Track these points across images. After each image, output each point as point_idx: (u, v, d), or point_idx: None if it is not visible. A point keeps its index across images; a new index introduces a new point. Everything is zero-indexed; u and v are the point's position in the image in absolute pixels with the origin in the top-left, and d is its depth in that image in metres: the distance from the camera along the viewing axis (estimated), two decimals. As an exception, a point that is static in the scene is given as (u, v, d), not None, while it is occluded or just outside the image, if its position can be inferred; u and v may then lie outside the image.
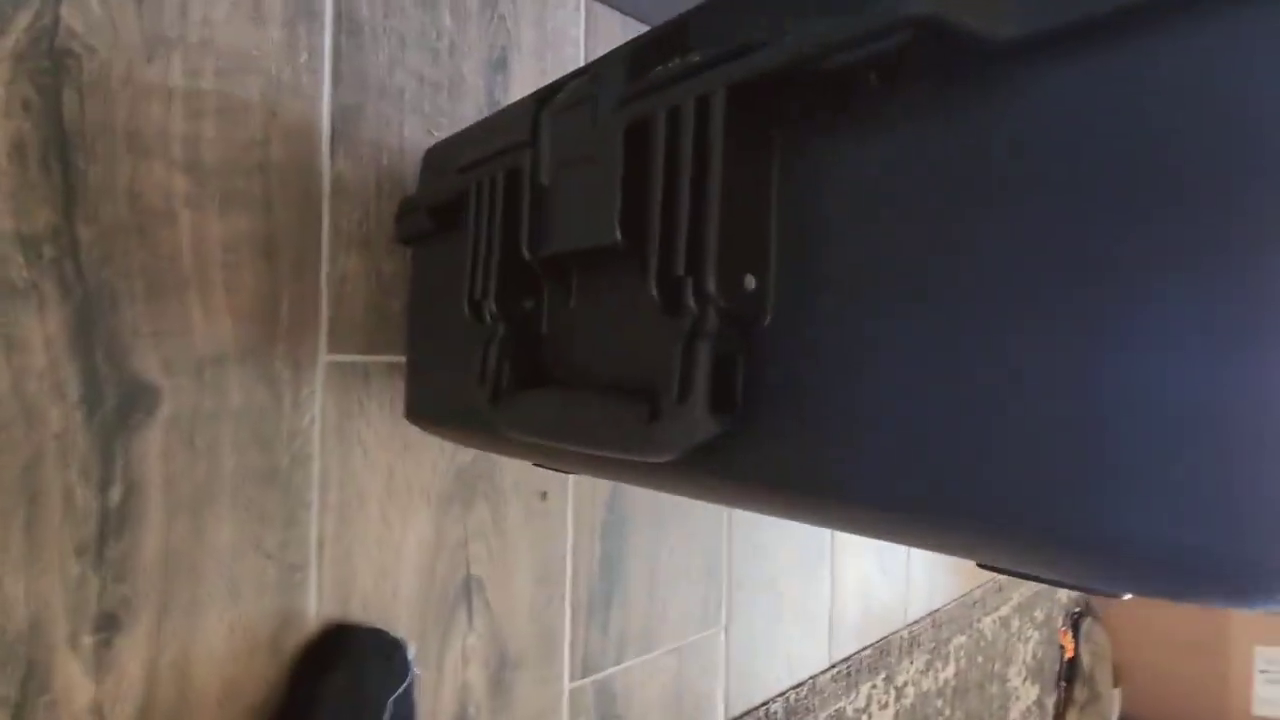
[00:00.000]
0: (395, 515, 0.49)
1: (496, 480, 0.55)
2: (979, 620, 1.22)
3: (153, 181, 0.39)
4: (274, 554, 0.44)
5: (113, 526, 0.38)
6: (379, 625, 0.48)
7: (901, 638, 1.02)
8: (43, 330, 0.36)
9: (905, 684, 1.03)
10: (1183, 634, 1.52)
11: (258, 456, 0.43)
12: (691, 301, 0.23)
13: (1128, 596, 0.21)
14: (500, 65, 0.55)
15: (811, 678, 0.86)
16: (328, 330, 0.46)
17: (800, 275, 0.22)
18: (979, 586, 1.22)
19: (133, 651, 0.38)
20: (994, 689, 1.28)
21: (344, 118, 0.47)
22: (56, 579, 0.36)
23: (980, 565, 0.21)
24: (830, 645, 0.90)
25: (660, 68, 0.24)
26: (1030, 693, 1.42)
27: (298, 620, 0.44)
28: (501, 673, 0.55)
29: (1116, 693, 1.58)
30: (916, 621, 1.06)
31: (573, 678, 0.61)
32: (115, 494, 0.38)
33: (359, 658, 0.45)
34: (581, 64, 0.61)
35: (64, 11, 0.36)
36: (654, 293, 0.24)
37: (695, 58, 0.22)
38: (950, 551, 0.22)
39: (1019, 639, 1.36)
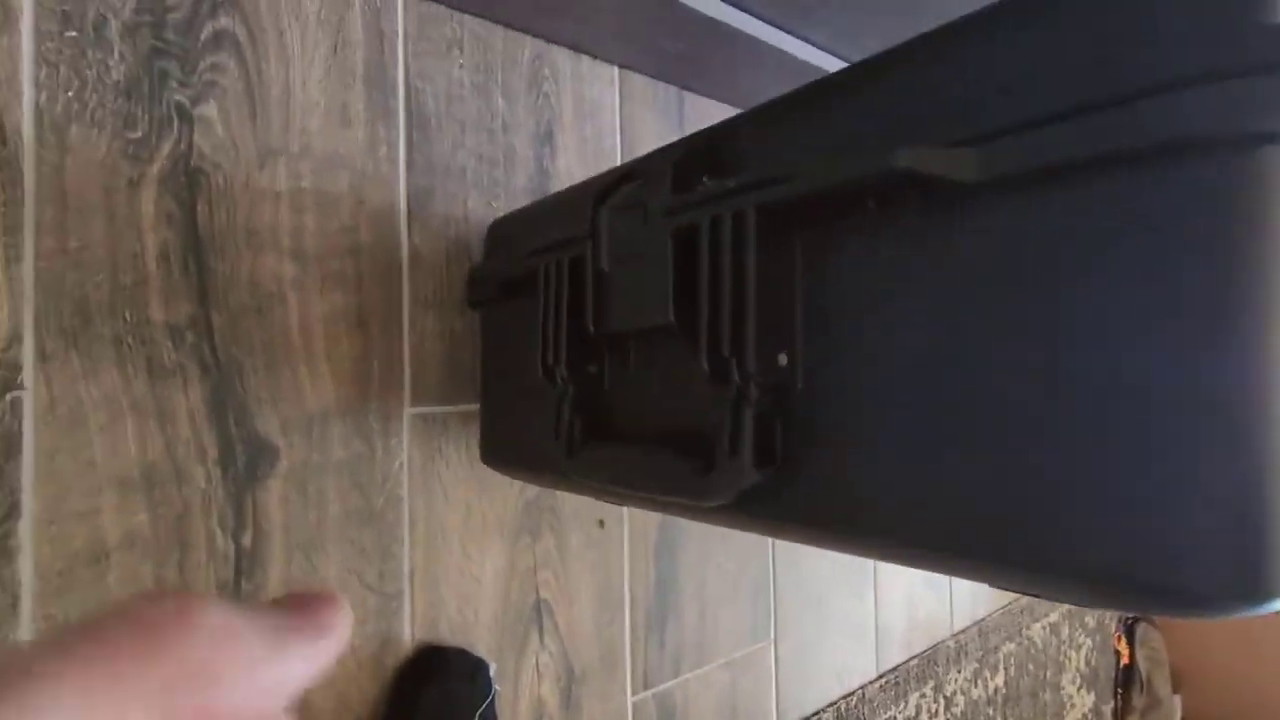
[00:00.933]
0: (474, 548, 0.55)
1: (559, 511, 0.61)
2: (1027, 627, 1.23)
3: (267, 270, 0.46)
4: (374, 585, 0.50)
5: (245, 566, 0.44)
6: (464, 646, 0.53)
7: (948, 647, 1.05)
8: (187, 403, 0.43)
9: (954, 693, 1.05)
10: (1243, 636, 1.49)
11: (357, 500, 0.49)
12: (736, 376, 0.28)
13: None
14: (547, 138, 0.61)
15: (861, 688, 0.90)
16: (410, 386, 0.52)
17: (823, 351, 0.27)
18: (1014, 601, 1.23)
19: (264, 673, 0.45)
20: (1047, 697, 1.28)
21: (417, 199, 0.53)
22: (203, 612, 0.43)
23: (993, 585, 0.26)
24: (878, 656, 0.93)
25: (701, 185, 0.30)
26: (1085, 700, 1.42)
27: (395, 643, 0.51)
28: (571, 688, 0.61)
29: (1177, 699, 1.56)
30: (963, 630, 1.08)
31: (634, 691, 0.66)
32: (247, 539, 0.45)
33: (449, 676, 0.51)
34: (617, 127, 0.67)
35: (196, 138, 0.43)
36: (705, 366, 0.29)
37: (730, 183, 0.28)
38: (961, 576, 0.26)
39: (1070, 646, 1.37)
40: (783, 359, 0.28)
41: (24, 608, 0.38)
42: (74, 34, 0.40)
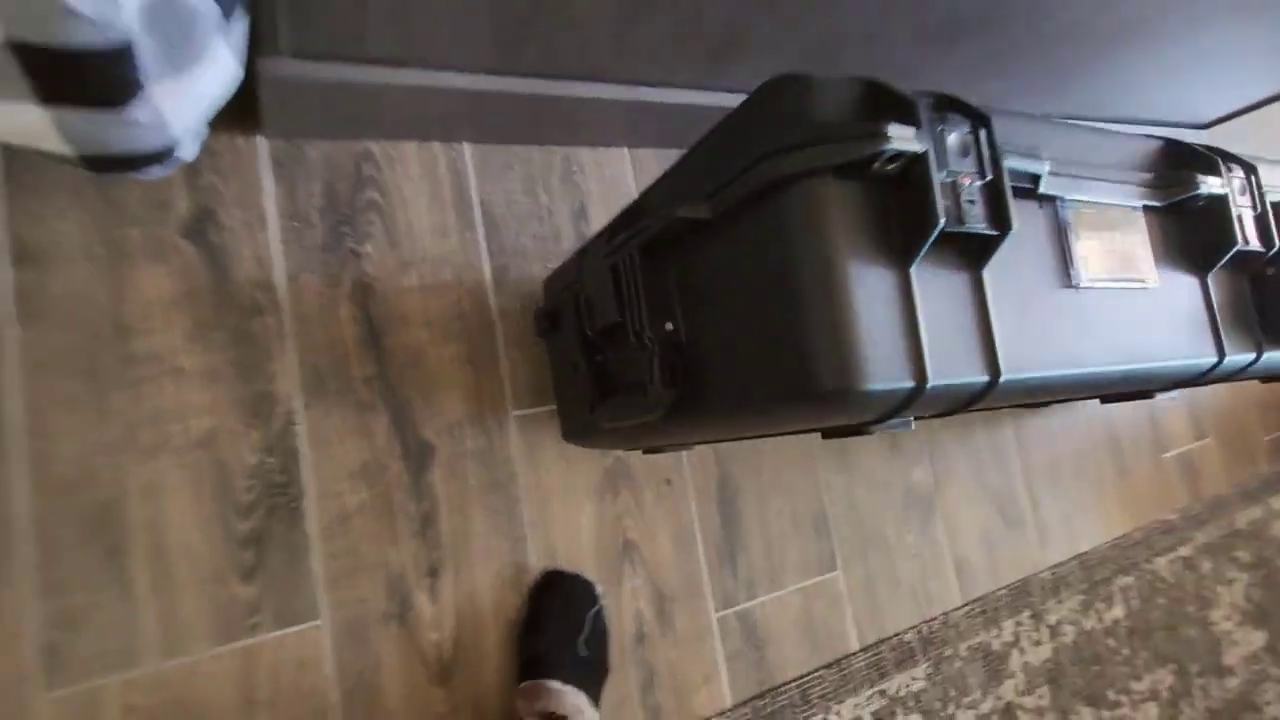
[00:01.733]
0: (572, 504, 0.79)
1: (632, 475, 0.83)
2: (1146, 562, 1.24)
3: (413, 338, 0.74)
4: (505, 532, 0.75)
5: (427, 523, 0.71)
6: (575, 570, 0.77)
7: (1043, 579, 1.11)
8: (380, 425, 0.71)
9: (1059, 622, 1.11)
10: None
11: (487, 476, 0.75)
12: (646, 340, 0.50)
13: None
14: (581, 213, 0.86)
15: (944, 613, 1.01)
16: (511, 396, 0.78)
17: (692, 317, 0.48)
18: (1138, 529, 1.25)
19: (446, 588, 0.71)
20: (1192, 632, 1.27)
21: (498, 274, 0.80)
22: (408, 552, 0.70)
23: (783, 429, 0.45)
24: (961, 586, 1.04)
25: (619, 236, 0.52)
26: (1254, 638, 1.36)
27: (526, 569, 0.75)
28: (662, 605, 0.82)
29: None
30: (1061, 564, 1.14)
31: (717, 610, 0.85)
32: (425, 505, 0.71)
33: (566, 588, 0.74)
34: (633, 192, 0.90)
35: (365, 265, 0.73)
36: (632, 338, 0.51)
37: (621, 236, 0.50)
38: (773, 425, 0.45)
39: (1217, 582, 1.33)
40: (669, 326, 0.49)
41: (314, 550, 0.67)
42: (296, 224, 0.70)
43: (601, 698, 0.72)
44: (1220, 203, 0.52)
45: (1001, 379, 0.41)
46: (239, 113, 0.65)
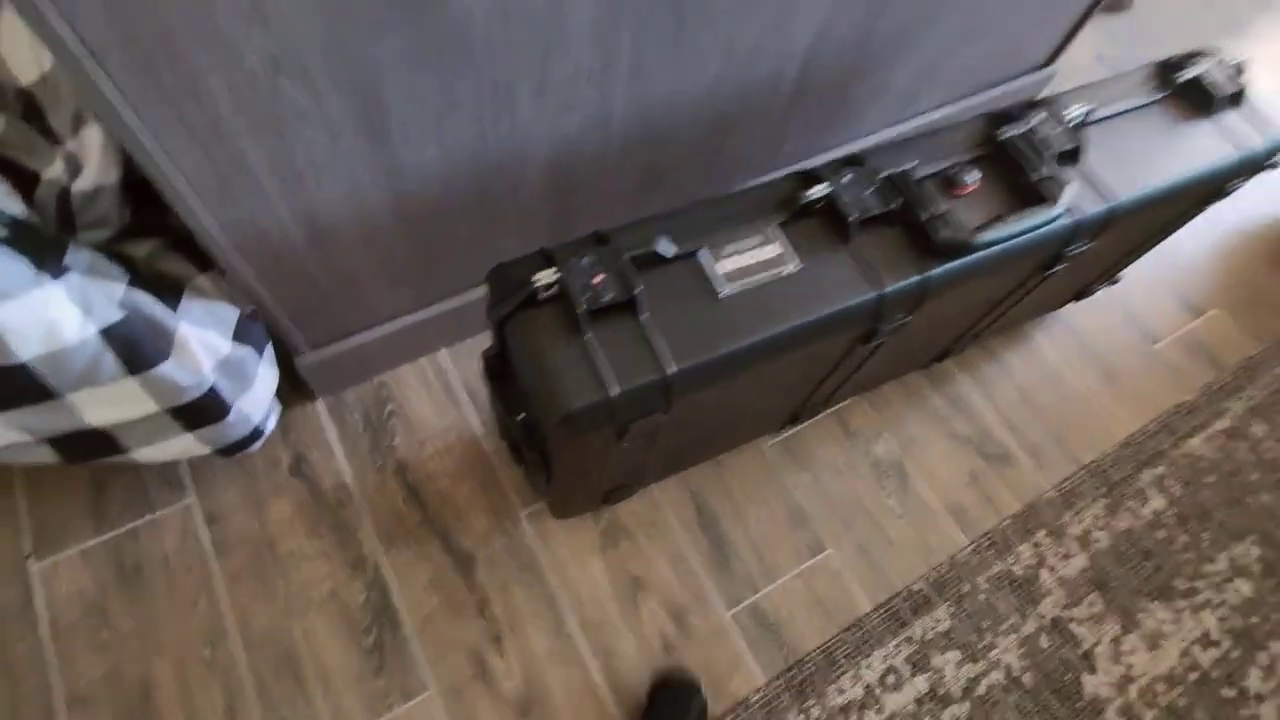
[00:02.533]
0: (583, 564, 1.06)
1: (624, 527, 1.09)
2: (1174, 448, 1.27)
3: (440, 486, 1.09)
4: (540, 592, 1.03)
5: (483, 606, 1.01)
6: (680, 670, 1.02)
7: (1049, 498, 1.20)
8: (434, 549, 1.04)
9: (1087, 531, 1.18)
10: None
11: (516, 562, 1.05)
12: (519, 426, 0.81)
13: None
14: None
15: (950, 557, 1.13)
16: (517, 502, 1.09)
17: (524, 402, 0.79)
18: (1152, 421, 1.29)
19: (510, 648, 0.99)
20: (1267, 498, 1.24)
21: (485, 425, 1.14)
22: (476, 629, 1.00)
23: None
24: (964, 529, 1.16)
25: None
26: (1364, 482, 1.29)
27: (562, 620, 1.02)
28: (678, 617, 1.04)
29: None
30: (1065, 479, 1.22)
31: (728, 608, 1.06)
32: (479, 595, 1.02)
33: (674, 685, 1.00)
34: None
35: (398, 452, 1.10)
36: (515, 429, 0.82)
37: (483, 358, 0.83)
38: (588, 456, 0.74)
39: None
40: (521, 415, 0.80)
41: (414, 644, 0.98)
42: (350, 443, 1.10)
43: None
44: (828, 199, 0.77)
45: (672, 371, 0.68)
46: (300, 390, 1.08)
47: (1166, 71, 0.98)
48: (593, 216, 1.07)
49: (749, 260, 0.74)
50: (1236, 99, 0.97)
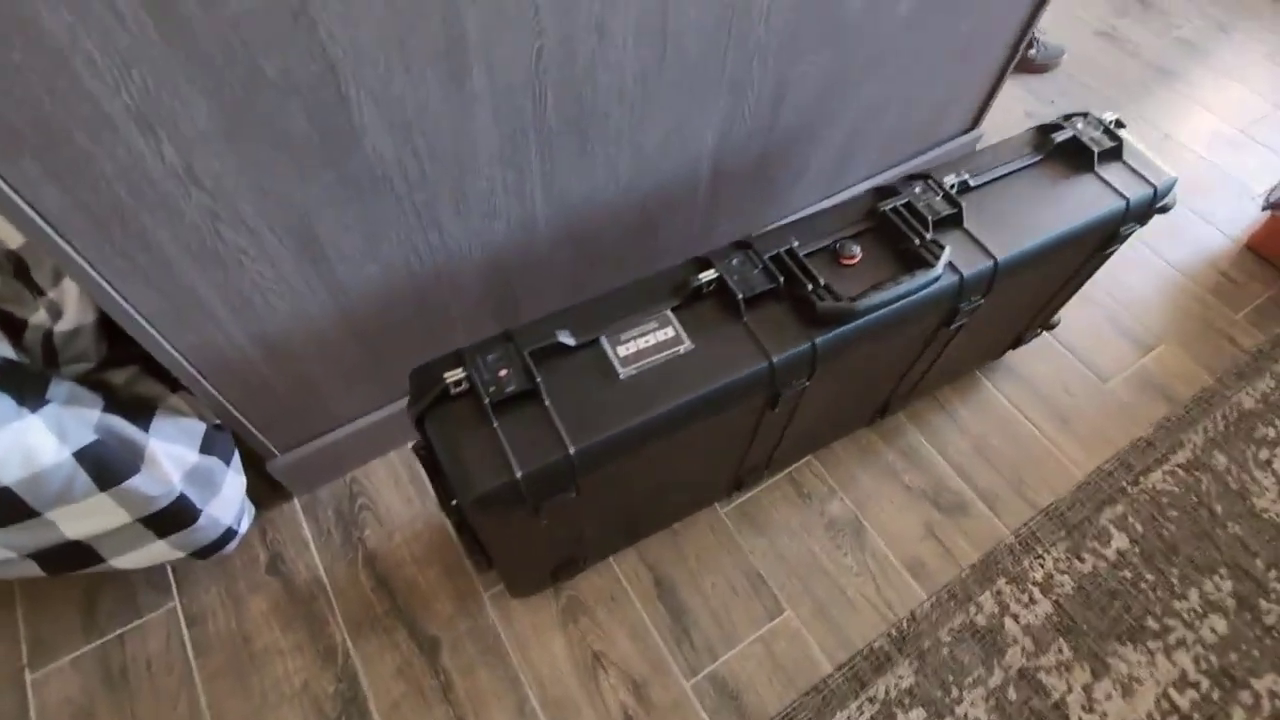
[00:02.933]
0: (545, 642, 1.09)
1: (583, 602, 1.13)
2: (1132, 485, 1.28)
3: (407, 573, 1.14)
4: (502, 671, 1.06)
5: (448, 689, 1.05)
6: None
7: (1007, 545, 1.21)
8: (401, 636, 1.09)
9: (1049, 576, 1.18)
10: None
11: (480, 644, 1.09)
12: (454, 510, 0.87)
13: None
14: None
15: (910, 611, 1.14)
16: (480, 585, 1.14)
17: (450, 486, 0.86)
18: (1107, 461, 1.30)
19: (472, 730, 1.02)
20: (1237, 529, 1.24)
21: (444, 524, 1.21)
22: (442, 712, 1.03)
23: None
24: (922, 583, 1.17)
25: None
26: (1338, 506, 1.27)
27: (525, 698, 1.05)
28: (638, 690, 1.06)
29: None
30: (1023, 525, 1.23)
31: (687, 678, 1.07)
32: (443, 678, 1.06)
33: (550, 701, 1.03)
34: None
35: (368, 544, 1.17)
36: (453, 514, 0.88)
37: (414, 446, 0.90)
38: (508, 533, 0.80)
39: (1245, 469, 1.30)
40: (454, 501, 0.87)
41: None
42: (323, 538, 1.17)
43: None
44: (719, 281, 0.85)
45: (572, 451, 0.74)
46: (278, 491, 1.16)
47: (1045, 134, 1.06)
48: (536, 301, 1.16)
49: (646, 343, 0.82)
50: (1115, 152, 1.05)
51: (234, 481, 1.00)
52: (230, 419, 0.98)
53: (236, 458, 1.01)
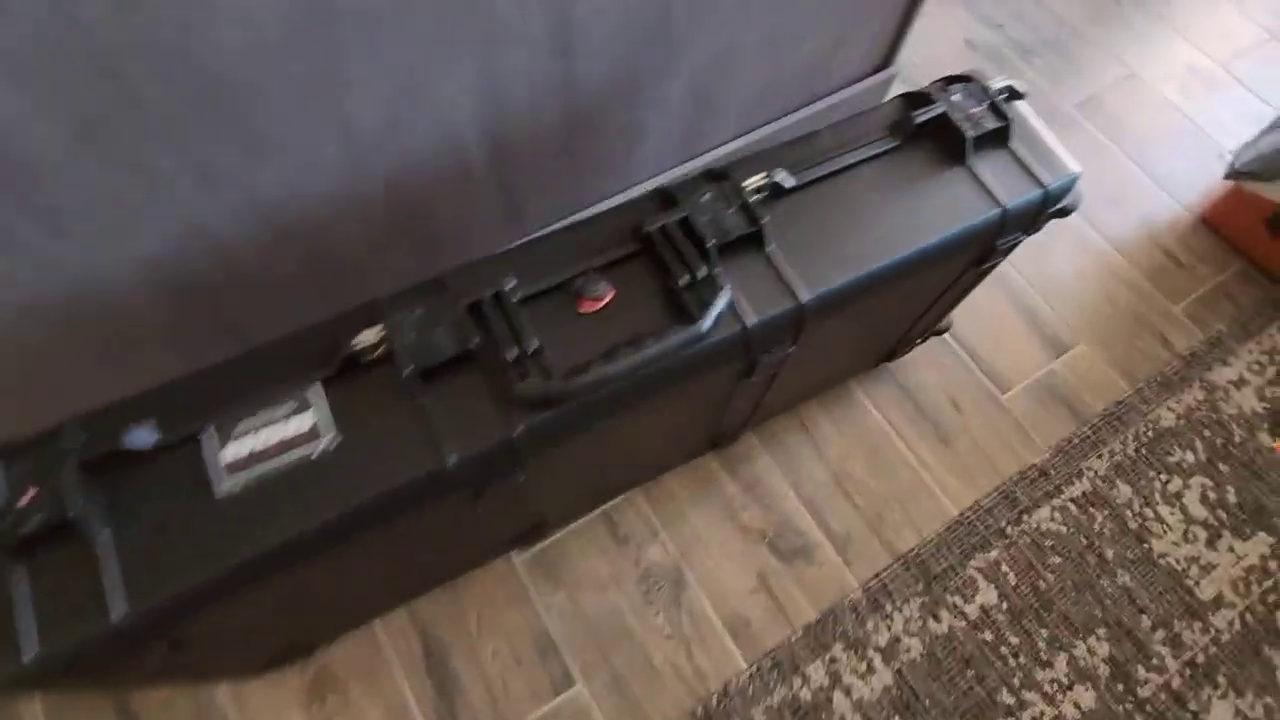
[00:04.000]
0: (281, 723, 0.93)
1: (334, 676, 0.95)
2: (1013, 525, 1.08)
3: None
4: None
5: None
6: None
7: (851, 601, 1.03)
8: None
9: (896, 639, 1.01)
10: None
11: (206, 727, 0.92)
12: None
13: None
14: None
15: (724, 684, 0.97)
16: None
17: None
18: (988, 495, 1.10)
19: None
20: (1127, 579, 1.06)
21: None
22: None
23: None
24: (742, 648, 0.99)
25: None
26: (1247, 549, 1.09)
27: None
28: None
29: None
30: (875, 575, 1.04)
31: None
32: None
33: None
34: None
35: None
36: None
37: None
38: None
39: (1149, 503, 1.11)
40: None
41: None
42: None
43: None
44: (385, 343, 0.61)
45: (120, 618, 0.53)
46: None
47: (909, 108, 0.78)
48: (269, 326, 0.91)
49: (268, 440, 0.59)
50: (1000, 136, 0.77)
51: None
52: None
53: None
